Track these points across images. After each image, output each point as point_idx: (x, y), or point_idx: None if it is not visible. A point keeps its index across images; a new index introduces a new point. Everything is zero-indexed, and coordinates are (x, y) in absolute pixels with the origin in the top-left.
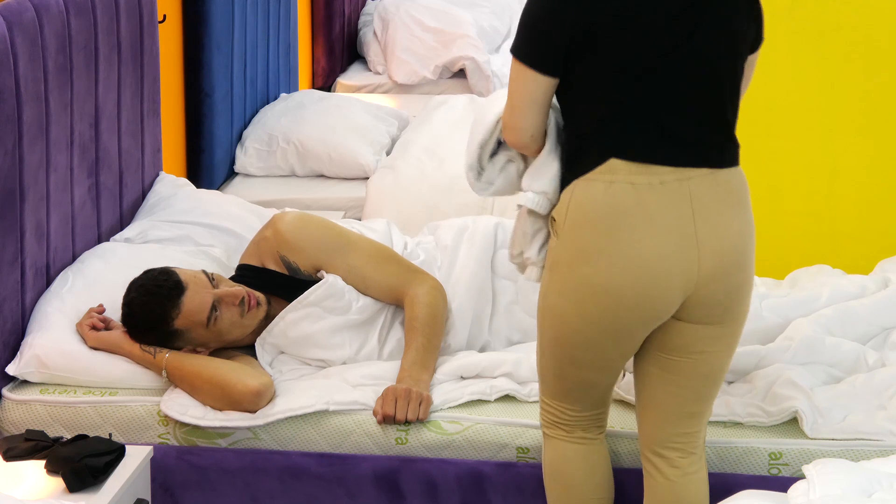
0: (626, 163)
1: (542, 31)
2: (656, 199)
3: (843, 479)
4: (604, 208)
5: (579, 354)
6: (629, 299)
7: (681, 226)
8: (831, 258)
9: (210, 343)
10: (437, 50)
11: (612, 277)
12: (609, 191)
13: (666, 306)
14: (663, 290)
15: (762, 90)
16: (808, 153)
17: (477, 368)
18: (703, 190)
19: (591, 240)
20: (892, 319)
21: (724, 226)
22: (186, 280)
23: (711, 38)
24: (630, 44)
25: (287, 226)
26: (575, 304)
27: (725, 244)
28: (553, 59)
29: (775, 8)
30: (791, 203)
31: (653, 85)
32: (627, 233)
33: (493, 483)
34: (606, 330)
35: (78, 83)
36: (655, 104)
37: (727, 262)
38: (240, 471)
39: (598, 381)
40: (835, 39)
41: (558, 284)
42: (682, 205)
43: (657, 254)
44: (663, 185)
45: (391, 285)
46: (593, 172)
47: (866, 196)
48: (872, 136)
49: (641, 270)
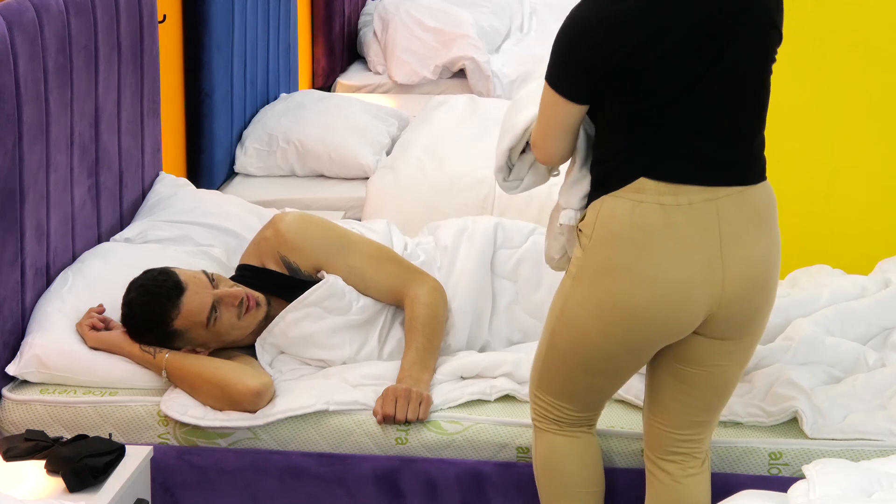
0: (655, 182)
1: (574, 62)
2: (684, 221)
3: (843, 479)
4: (630, 226)
5: (593, 364)
6: (651, 317)
7: (707, 248)
8: (831, 258)
9: (210, 343)
10: (437, 50)
11: (635, 295)
12: (637, 209)
13: (687, 326)
14: (685, 311)
15: None
16: (808, 153)
17: (477, 368)
18: (731, 210)
19: (616, 256)
20: (892, 319)
21: (750, 247)
22: (186, 280)
23: (740, 58)
24: (660, 74)
25: (288, 226)
26: (596, 318)
27: (750, 266)
28: (585, 89)
29: None
30: (791, 203)
31: (683, 110)
32: (653, 253)
33: (493, 483)
34: (625, 344)
35: (78, 83)
36: (686, 128)
37: (751, 284)
38: (240, 471)
39: (606, 387)
40: (835, 39)
41: (580, 296)
42: (710, 226)
43: (682, 277)
44: (692, 206)
45: (391, 286)
46: (622, 190)
47: (866, 196)
48: (872, 136)
49: (665, 291)
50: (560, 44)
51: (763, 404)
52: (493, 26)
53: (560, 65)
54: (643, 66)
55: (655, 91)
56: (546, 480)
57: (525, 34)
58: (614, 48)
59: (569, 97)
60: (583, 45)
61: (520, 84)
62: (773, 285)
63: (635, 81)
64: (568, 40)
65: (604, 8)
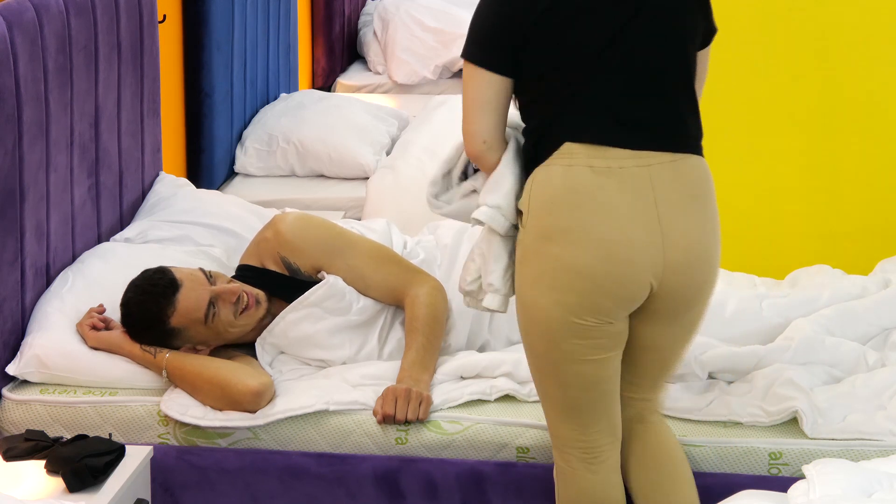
0: (582, 146)
1: (490, 31)
2: (617, 184)
3: (843, 479)
4: (563, 190)
5: (566, 346)
6: (598, 278)
7: (643, 213)
8: (831, 258)
9: (210, 341)
10: (437, 50)
11: (579, 256)
12: (568, 173)
13: (637, 289)
14: (631, 273)
15: (762, 90)
16: (808, 153)
17: (477, 368)
18: (664, 179)
19: (553, 221)
20: (892, 320)
21: (689, 219)
22: (182, 278)
23: (653, 27)
24: (573, 35)
25: (288, 227)
26: (550, 290)
27: (689, 239)
28: (503, 56)
29: (775, 8)
30: (791, 203)
31: (601, 74)
32: (589, 214)
33: (493, 483)
34: (583, 310)
35: (78, 83)
36: (606, 92)
37: (692, 255)
38: (240, 471)
39: (597, 375)
40: (835, 39)
41: (531, 275)
42: (644, 192)
43: (622, 237)
44: (623, 170)
45: (392, 286)
46: (551, 158)
47: (866, 196)
48: (872, 136)
49: (607, 251)
50: (479, 14)
51: (763, 404)
52: None
53: (479, 35)
54: (560, 23)
55: (574, 48)
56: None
57: None
58: (531, 6)
59: (488, 67)
60: (500, 9)
61: None
62: (714, 263)
63: (554, 40)
64: (486, 7)
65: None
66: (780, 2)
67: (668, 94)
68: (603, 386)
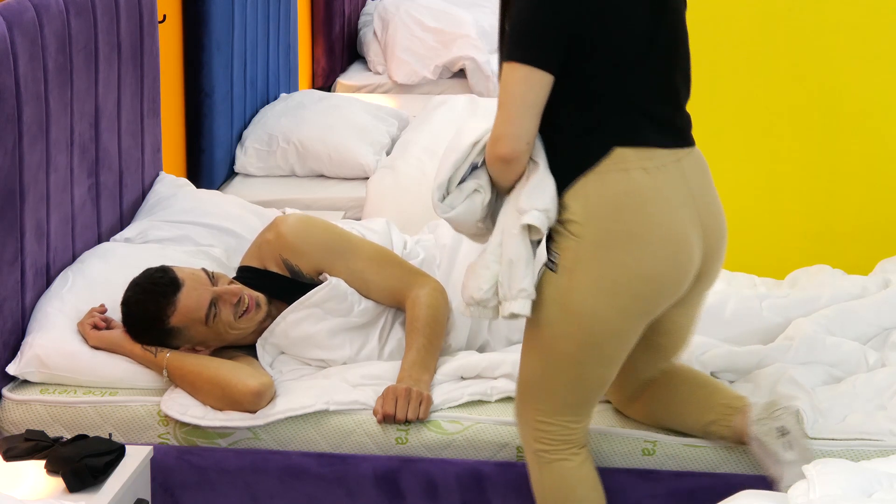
0: (633, 150)
1: (541, 31)
2: (666, 184)
3: (843, 479)
4: (626, 195)
5: (608, 351)
6: (665, 279)
7: (687, 207)
8: (831, 258)
9: (210, 341)
10: (437, 50)
11: (651, 258)
12: (628, 178)
13: (686, 285)
14: (688, 268)
15: (762, 90)
16: (808, 153)
17: (477, 369)
18: (691, 170)
19: (618, 227)
20: (892, 319)
21: (711, 202)
22: (183, 277)
23: (674, 28)
24: (619, 37)
25: (289, 228)
26: (607, 296)
27: (715, 220)
28: (553, 56)
29: (775, 8)
30: (791, 203)
31: (640, 75)
32: (655, 215)
33: (493, 483)
34: (639, 315)
35: (78, 83)
36: (644, 92)
37: (719, 236)
38: (240, 471)
39: (611, 377)
40: (835, 39)
41: (585, 283)
42: (682, 186)
43: (681, 235)
44: (666, 169)
45: (393, 288)
46: (602, 165)
47: (866, 196)
48: (872, 136)
49: (673, 249)
50: (525, 16)
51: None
52: (494, 26)
53: (528, 36)
54: (609, 25)
55: (619, 49)
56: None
57: None
58: (581, 7)
59: (541, 66)
60: (553, 8)
61: None
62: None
63: (602, 41)
64: (534, 9)
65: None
66: (780, 2)
67: (682, 91)
68: (607, 384)
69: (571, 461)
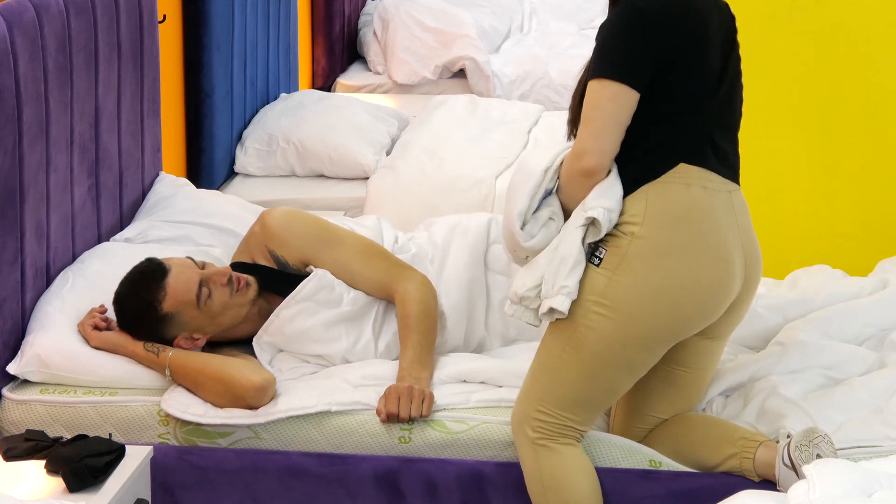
0: (695, 168)
1: (637, 52)
2: (720, 205)
3: (843, 479)
4: (687, 207)
5: (630, 355)
6: (710, 294)
7: (734, 233)
8: (831, 258)
9: (205, 327)
10: (437, 50)
11: (699, 272)
12: (689, 192)
13: (724, 307)
14: (730, 289)
15: (762, 90)
16: (808, 153)
17: (482, 376)
18: (739, 204)
19: (677, 236)
20: (888, 321)
21: (753, 239)
22: (170, 263)
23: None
24: (702, 65)
25: (274, 220)
26: (650, 301)
27: (757, 254)
28: (646, 76)
29: (775, 8)
30: (791, 203)
31: (712, 103)
32: (709, 231)
33: (493, 483)
34: (671, 327)
35: (78, 83)
36: (711, 123)
37: (756, 271)
38: (240, 471)
39: (625, 385)
40: (835, 39)
41: (628, 284)
42: (731, 213)
43: (730, 254)
44: (720, 194)
45: (379, 280)
46: (667, 175)
47: (866, 196)
48: (872, 136)
49: (725, 268)
50: (623, 34)
51: (757, 425)
52: (493, 26)
53: (624, 56)
54: (697, 52)
55: (701, 76)
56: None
57: (525, 34)
58: (675, 32)
59: (632, 85)
60: (650, 31)
61: (519, 84)
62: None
63: (688, 66)
64: (633, 28)
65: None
66: (780, 2)
67: (738, 126)
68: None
69: (568, 449)
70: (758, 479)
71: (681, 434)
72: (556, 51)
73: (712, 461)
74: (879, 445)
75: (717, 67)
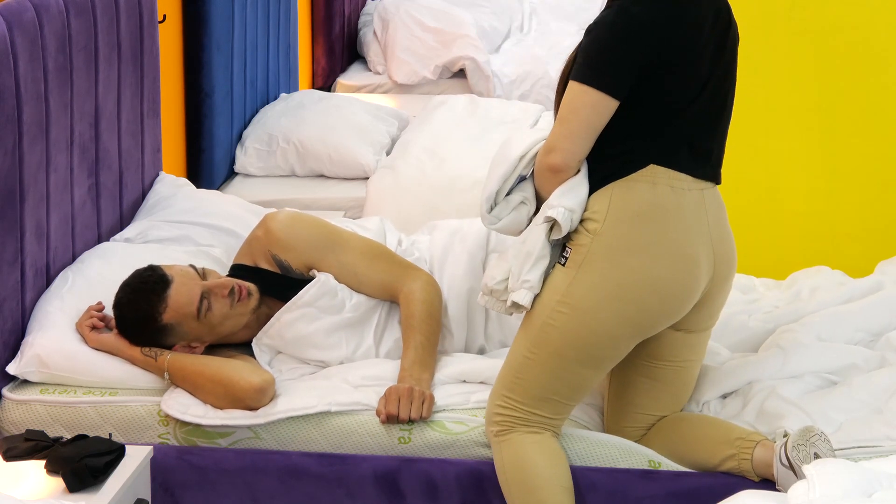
0: (664, 169)
1: (619, 60)
2: (688, 204)
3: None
4: (650, 205)
5: (593, 352)
6: (670, 292)
7: (702, 232)
8: (831, 258)
9: (204, 337)
10: (437, 50)
11: (660, 269)
12: (654, 191)
13: (688, 305)
14: (695, 288)
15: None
16: (808, 153)
17: (482, 376)
18: (711, 203)
19: (638, 233)
20: (882, 323)
21: (725, 234)
22: (172, 274)
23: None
24: (684, 73)
25: (278, 224)
26: (612, 299)
27: (729, 250)
28: (627, 84)
29: (775, 8)
30: (791, 203)
31: (692, 109)
32: (672, 229)
33: (493, 483)
34: (633, 325)
35: (78, 83)
36: (691, 126)
37: (728, 268)
38: (240, 471)
39: (591, 382)
40: (835, 39)
41: (590, 281)
42: (701, 213)
43: (694, 254)
44: (691, 193)
45: (384, 281)
46: (635, 175)
47: (866, 196)
48: (872, 136)
49: (685, 266)
50: (608, 40)
51: (756, 424)
52: (493, 26)
53: (605, 63)
54: (679, 62)
55: (681, 85)
56: (518, 485)
57: (525, 34)
58: (664, 42)
59: (613, 94)
60: (640, 40)
61: (519, 84)
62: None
63: (670, 76)
64: (623, 36)
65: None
66: (780, 2)
67: (724, 131)
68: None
69: (531, 436)
70: (757, 479)
71: (677, 436)
72: (556, 51)
73: (710, 463)
74: (879, 445)
75: (705, 73)
